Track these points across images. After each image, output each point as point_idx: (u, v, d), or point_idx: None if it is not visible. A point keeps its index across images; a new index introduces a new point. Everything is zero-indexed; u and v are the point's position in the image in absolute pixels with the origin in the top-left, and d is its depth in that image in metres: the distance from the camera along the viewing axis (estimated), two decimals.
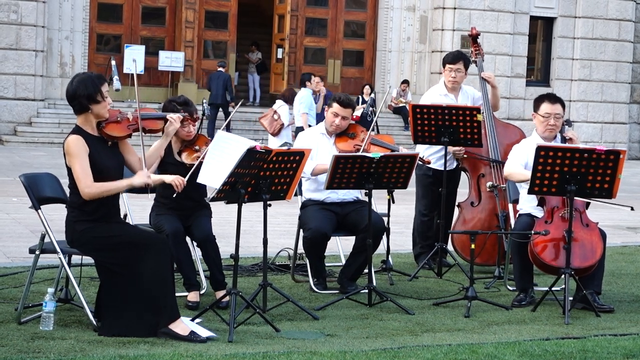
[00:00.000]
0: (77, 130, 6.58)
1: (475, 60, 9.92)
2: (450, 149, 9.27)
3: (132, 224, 7.36)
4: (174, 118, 6.98)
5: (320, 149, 8.36)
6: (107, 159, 6.61)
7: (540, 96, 8.28)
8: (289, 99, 18.66)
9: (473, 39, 10.01)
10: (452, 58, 9.63)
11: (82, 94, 6.53)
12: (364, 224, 8.04)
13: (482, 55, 9.94)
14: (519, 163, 8.03)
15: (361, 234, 8.14)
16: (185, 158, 7.57)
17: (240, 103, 9.35)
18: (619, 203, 7.74)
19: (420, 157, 8.84)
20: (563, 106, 8.21)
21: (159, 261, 6.47)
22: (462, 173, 9.76)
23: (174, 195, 7.20)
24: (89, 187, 6.45)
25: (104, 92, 6.60)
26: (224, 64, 25.20)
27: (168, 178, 7.03)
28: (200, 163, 7.14)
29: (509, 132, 9.55)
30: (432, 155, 9.50)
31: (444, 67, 9.62)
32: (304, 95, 19.18)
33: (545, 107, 8.14)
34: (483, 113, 9.45)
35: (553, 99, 8.20)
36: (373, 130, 8.52)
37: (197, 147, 7.61)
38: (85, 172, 6.45)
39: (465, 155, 9.44)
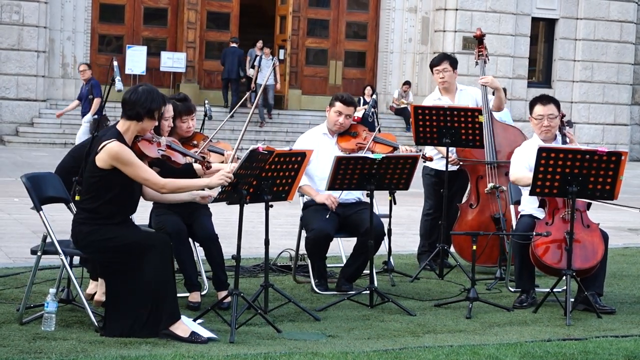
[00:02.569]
0: (119, 137, 6.54)
1: (477, 61, 9.90)
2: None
3: (135, 225, 7.35)
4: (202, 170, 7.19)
5: (322, 149, 8.36)
6: None
7: (534, 99, 8.30)
8: None
9: (479, 40, 9.98)
10: (437, 60, 9.62)
11: (145, 105, 6.54)
12: (364, 227, 8.04)
13: (485, 57, 9.90)
14: (524, 167, 7.99)
15: (362, 237, 8.15)
16: None
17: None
18: (630, 205, 7.73)
19: (422, 154, 8.83)
20: (557, 106, 8.19)
21: (160, 263, 6.47)
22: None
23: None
24: (164, 185, 6.52)
25: (161, 113, 6.70)
26: (237, 40, 25.84)
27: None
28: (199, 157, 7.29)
29: (509, 134, 9.53)
30: (435, 155, 9.51)
31: (432, 72, 9.61)
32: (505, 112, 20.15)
33: (538, 109, 8.14)
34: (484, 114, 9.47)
35: (545, 100, 8.19)
36: (378, 130, 8.57)
37: (194, 142, 7.67)
38: (151, 172, 6.52)
39: (461, 163, 9.43)
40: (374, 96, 9.96)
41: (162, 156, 6.76)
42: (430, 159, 9.21)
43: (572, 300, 7.65)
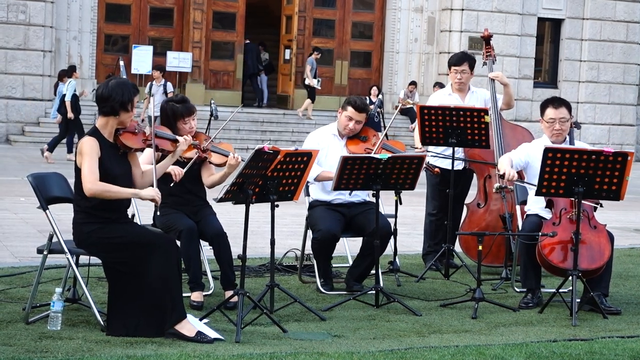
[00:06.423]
0: (94, 132, 6.59)
1: (486, 62, 9.89)
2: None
3: (140, 224, 7.36)
4: (186, 140, 7.04)
5: (330, 150, 8.36)
6: (117, 166, 6.60)
7: (545, 101, 8.27)
8: None
9: (486, 40, 9.97)
10: (457, 60, 9.61)
11: (117, 98, 6.53)
12: (370, 227, 8.03)
13: (493, 57, 9.91)
14: (514, 158, 8.04)
15: (368, 237, 8.14)
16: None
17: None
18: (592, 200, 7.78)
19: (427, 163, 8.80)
20: (569, 109, 8.17)
21: (165, 261, 6.48)
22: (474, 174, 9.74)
23: (171, 185, 7.29)
24: (93, 183, 6.43)
25: (135, 102, 6.64)
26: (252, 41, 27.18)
27: (170, 168, 7.08)
28: (200, 157, 7.30)
29: (517, 134, 9.52)
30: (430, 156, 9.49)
31: (449, 69, 9.62)
32: None
33: (550, 112, 8.11)
34: (491, 115, 9.44)
35: (557, 103, 8.16)
36: (385, 134, 8.56)
37: (196, 142, 7.61)
38: (92, 170, 6.45)
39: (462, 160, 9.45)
40: (380, 96, 9.97)
41: (147, 146, 6.74)
42: (437, 172, 9.19)
43: (578, 300, 7.65)
